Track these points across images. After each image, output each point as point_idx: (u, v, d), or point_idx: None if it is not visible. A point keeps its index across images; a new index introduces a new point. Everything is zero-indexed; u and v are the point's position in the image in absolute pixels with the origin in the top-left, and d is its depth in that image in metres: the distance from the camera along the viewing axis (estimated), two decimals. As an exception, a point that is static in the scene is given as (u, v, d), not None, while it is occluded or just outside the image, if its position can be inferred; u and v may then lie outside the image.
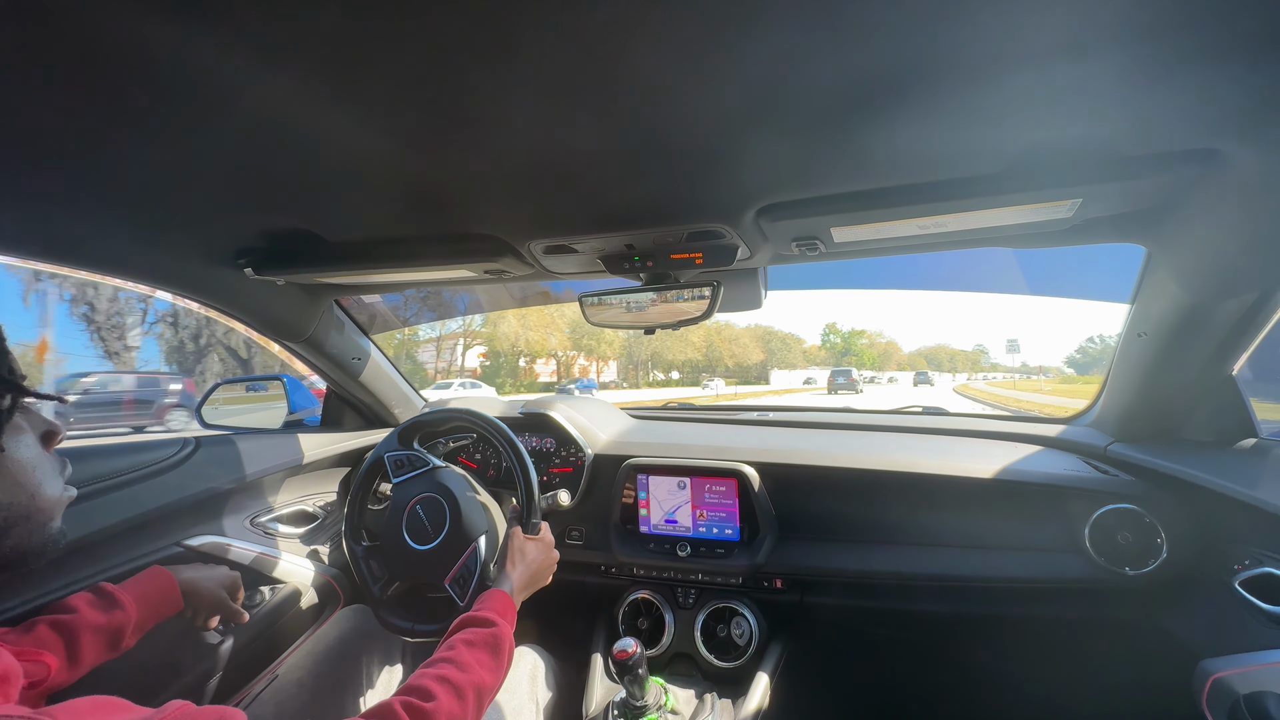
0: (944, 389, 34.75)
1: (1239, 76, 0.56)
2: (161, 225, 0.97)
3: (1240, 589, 0.94)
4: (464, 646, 0.82)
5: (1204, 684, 0.93)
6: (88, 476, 1.02)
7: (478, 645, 0.83)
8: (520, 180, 0.82)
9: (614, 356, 41.87)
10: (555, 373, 38.11)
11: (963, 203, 0.82)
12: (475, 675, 0.79)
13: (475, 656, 0.81)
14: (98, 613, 0.84)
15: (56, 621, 0.80)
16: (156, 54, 0.54)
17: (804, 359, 68.82)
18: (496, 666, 0.84)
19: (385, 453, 1.25)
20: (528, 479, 1.16)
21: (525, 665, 1.17)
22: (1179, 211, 0.85)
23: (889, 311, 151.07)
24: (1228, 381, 1.08)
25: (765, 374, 52.03)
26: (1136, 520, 1.10)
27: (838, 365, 62.03)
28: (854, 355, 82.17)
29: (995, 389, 31.01)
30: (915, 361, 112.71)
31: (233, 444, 1.33)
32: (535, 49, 0.53)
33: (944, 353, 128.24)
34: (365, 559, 1.20)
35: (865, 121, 0.66)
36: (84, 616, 0.82)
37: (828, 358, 78.29)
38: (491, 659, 0.83)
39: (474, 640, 0.84)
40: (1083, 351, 79.45)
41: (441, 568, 1.12)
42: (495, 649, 0.85)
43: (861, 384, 30.78)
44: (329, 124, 0.67)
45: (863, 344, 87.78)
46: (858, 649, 1.57)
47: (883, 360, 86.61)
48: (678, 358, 44.25)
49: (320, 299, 1.42)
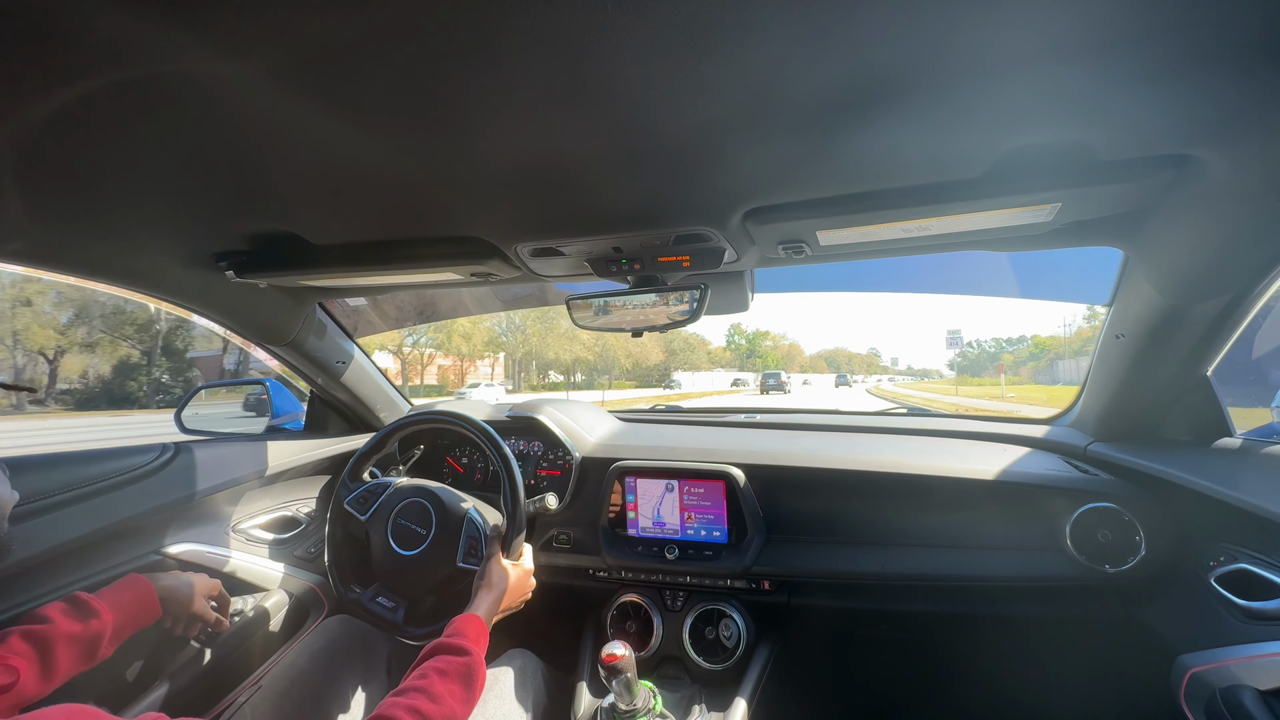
0: (857, 389, 39.78)
1: (1212, 85, 0.58)
2: (139, 228, 0.95)
3: (1216, 585, 0.96)
4: (436, 676, 0.82)
5: (1181, 679, 0.95)
6: (61, 484, 1.00)
7: (450, 675, 0.83)
8: (507, 183, 0.82)
9: (479, 356, 37.16)
10: (440, 376, 35.38)
11: (945, 206, 0.83)
12: (447, 707, 0.79)
13: (447, 687, 0.81)
14: (72, 622, 0.82)
15: (29, 632, 0.78)
16: (133, 54, 0.53)
17: (709, 360, 66.46)
18: (467, 698, 0.84)
19: (345, 499, 1.27)
20: (514, 491, 1.18)
21: (514, 669, 1.17)
22: (1155, 216, 0.87)
23: (790, 314, 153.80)
24: (1202, 382, 1.10)
25: (667, 376, 46.25)
26: (1116, 519, 1.12)
27: (742, 368, 62.44)
28: (759, 356, 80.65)
29: (900, 389, 38.09)
30: (817, 364, 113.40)
31: (213, 449, 1.31)
32: (521, 53, 0.53)
33: (842, 355, 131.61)
34: (372, 600, 1.21)
35: (850, 126, 0.67)
36: (58, 626, 0.80)
37: (732, 359, 76.55)
38: (463, 690, 0.83)
39: (446, 669, 0.84)
40: (963, 355, 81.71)
41: (446, 555, 1.16)
42: (468, 679, 0.85)
43: (789, 385, 34.56)
44: (312, 126, 0.66)
45: (767, 345, 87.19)
46: (845, 649, 1.58)
47: (786, 362, 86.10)
48: (563, 357, 39.09)
49: (304, 302, 1.40)
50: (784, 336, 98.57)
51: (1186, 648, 0.97)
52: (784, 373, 41.72)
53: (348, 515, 1.27)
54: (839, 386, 42.24)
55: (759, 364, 73.85)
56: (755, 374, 55.24)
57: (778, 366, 76.63)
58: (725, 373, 56.31)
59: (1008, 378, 52.36)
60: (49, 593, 0.97)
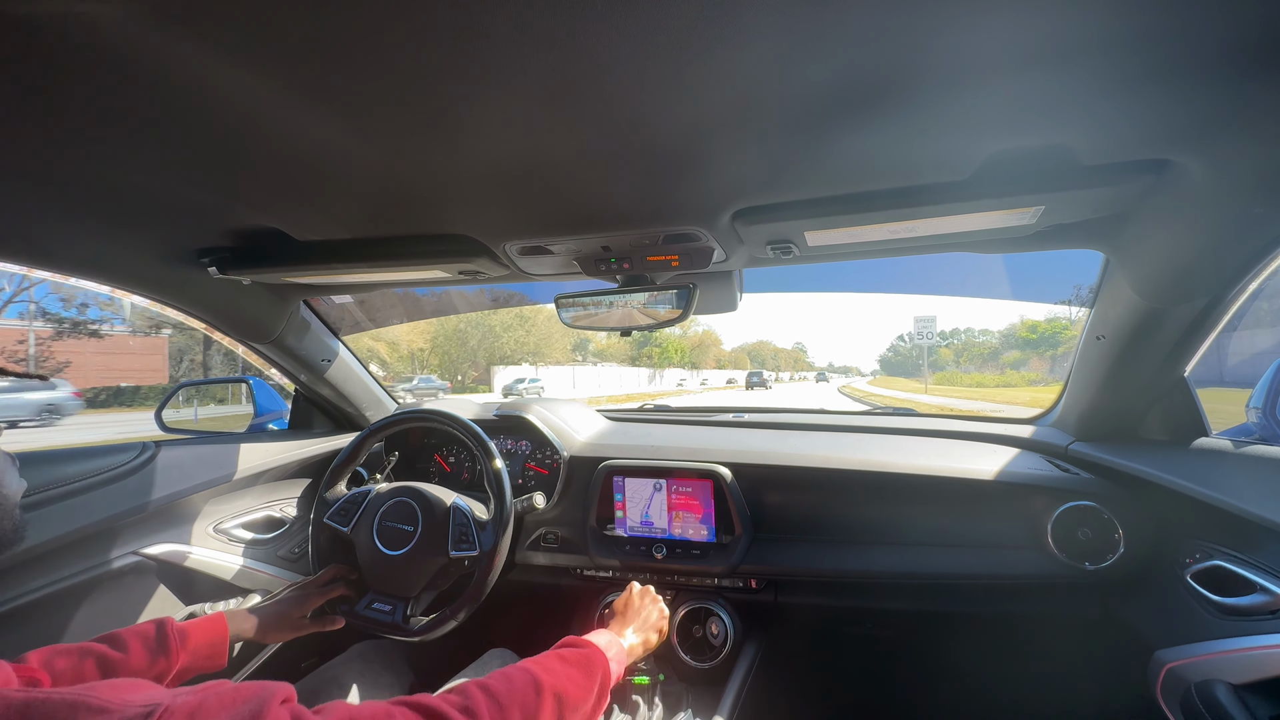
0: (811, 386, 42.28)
1: (1188, 92, 0.59)
2: (120, 223, 0.94)
3: (1191, 581, 0.98)
4: (556, 659, 0.81)
5: (1158, 674, 0.97)
6: (38, 484, 0.98)
7: (570, 661, 0.82)
8: (495, 181, 0.81)
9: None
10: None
11: (932, 208, 0.84)
12: (557, 681, 0.75)
13: (565, 669, 0.79)
14: (145, 656, 0.82)
15: (105, 659, 0.78)
16: (114, 48, 0.52)
17: (589, 353, 53.17)
18: (585, 684, 0.79)
19: (325, 515, 1.25)
20: (500, 485, 1.17)
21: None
22: (1135, 219, 0.89)
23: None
24: (1180, 383, 1.13)
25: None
26: (1096, 517, 1.14)
27: (634, 361, 53.50)
28: (656, 346, 63.00)
29: (873, 389, 39.39)
30: (738, 359, 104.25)
31: (195, 448, 1.29)
32: (509, 50, 0.53)
33: (767, 349, 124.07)
34: (367, 607, 1.19)
35: (839, 128, 0.67)
36: (131, 660, 0.80)
37: (621, 351, 58.22)
38: (582, 676, 0.80)
39: (567, 656, 0.82)
40: (894, 350, 79.16)
41: (437, 548, 1.16)
42: (588, 669, 0.82)
43: (771, 382, 39.11)
44: (297, 122, 0.65)
45: (674, 335, 67.10)
46: (831, 647, 1.60)
47: (698, 355, 73.58)
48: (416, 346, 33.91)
49: (288, 299, 1.38)
50: (694, 322, 75.84)
51: (1163, 643, 0.99)
52: (764, 370, 43.72)
53: (331, 530, 1.25)
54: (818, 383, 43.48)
55: (656, 356, 58.23)
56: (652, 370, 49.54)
57: (682, 360, 63.51)
58: (617, 368, 46.70)
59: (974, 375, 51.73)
60: (27, 593, 0.95)
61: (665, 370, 54.22)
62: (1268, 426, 1.00)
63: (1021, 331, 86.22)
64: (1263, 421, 1.01)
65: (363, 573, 1.21)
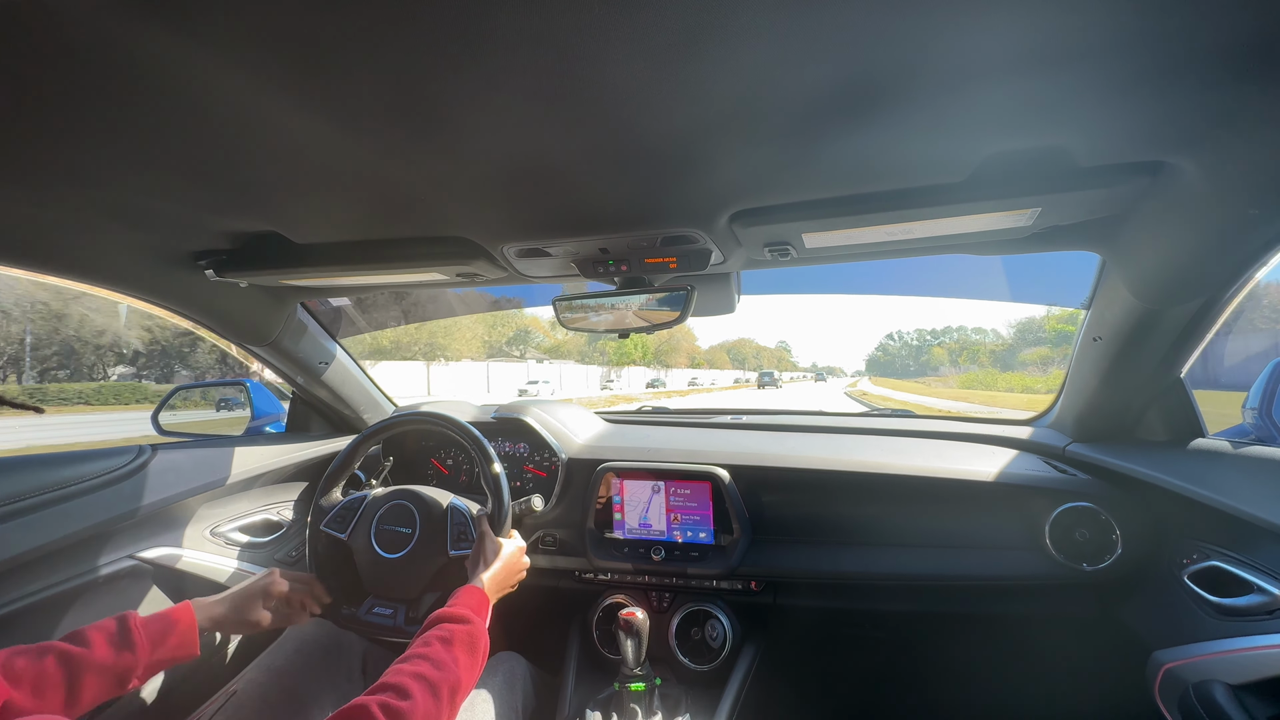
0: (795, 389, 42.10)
1: (1182, 95, 0.60)
2: (115, 226, 0.93)
3: (1189, 582, 0.98)
4: (440, 644, 0.81)
5: (1156, 674, 0.97)
6: (33, 487, 0.97)
7: (454, 642, 0.82)
8: (493, 183, 0.81)
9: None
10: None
11: (929, 210, 0.84)
12: (451, 674, 0.77)
13: (451, 654, 0.80)
14: (109, 651, 0.81)
15: (66, 655, 0.77)
16: (111, 49, 0.52)
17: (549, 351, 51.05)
18: (472, 664, 0.82)
19: (321, 523, 1.24)
20: (498, 486, 1.16)
21: (502, 671, 1.16)
22: (1131, 221, 0.89)
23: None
24: (1177, 384, 1.13)
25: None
26: (1093, 518, 1.14)
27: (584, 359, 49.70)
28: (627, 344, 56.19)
29: (873, 389, 41.41)
30: (716, 357, 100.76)
31: (191, 451, 1.28)
32: (507, 52, 0.53)
33: (749, 347, 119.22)
34: (368, 612, 1.18)
35: (836, 130, 0.67)
36: (93, 654, 0.79)
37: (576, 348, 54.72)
38: (468, 657, 0.82)
39: (449, 637, 0.82)
40: (883, 349, 77.68)
41: (436, 548, 1.16)
42: (471, 646, 0.84)
43: (781, 382, 40.72)
44: (294, 124, 0.65)
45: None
46: (830, 648, 1.60)
47: (668, 354, 69.47)
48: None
49: (285, 302, 1.38)
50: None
51: (1161, 644, 0.99)
52: (775, 371, 45.12)
53: (328, 537, 1.23)
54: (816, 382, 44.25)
55: (612, 352, 53.07)
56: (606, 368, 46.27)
57: (645, 357, 57.08)
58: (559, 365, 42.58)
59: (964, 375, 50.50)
60: (20, 598, 0.95)
61: (624, 369, 49.86)
62: (1264, 427, 1.00)
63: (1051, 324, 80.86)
64: (1259, 422, 1.02)
65: (362, 578, 1.20)
